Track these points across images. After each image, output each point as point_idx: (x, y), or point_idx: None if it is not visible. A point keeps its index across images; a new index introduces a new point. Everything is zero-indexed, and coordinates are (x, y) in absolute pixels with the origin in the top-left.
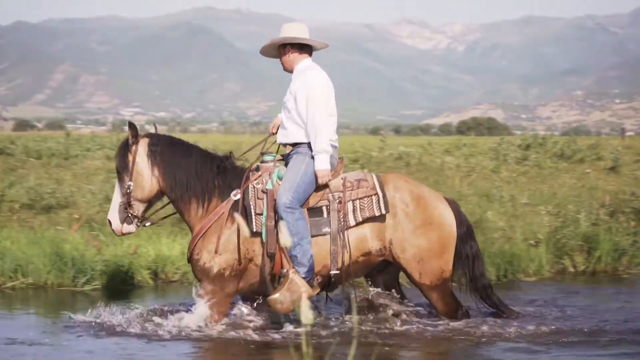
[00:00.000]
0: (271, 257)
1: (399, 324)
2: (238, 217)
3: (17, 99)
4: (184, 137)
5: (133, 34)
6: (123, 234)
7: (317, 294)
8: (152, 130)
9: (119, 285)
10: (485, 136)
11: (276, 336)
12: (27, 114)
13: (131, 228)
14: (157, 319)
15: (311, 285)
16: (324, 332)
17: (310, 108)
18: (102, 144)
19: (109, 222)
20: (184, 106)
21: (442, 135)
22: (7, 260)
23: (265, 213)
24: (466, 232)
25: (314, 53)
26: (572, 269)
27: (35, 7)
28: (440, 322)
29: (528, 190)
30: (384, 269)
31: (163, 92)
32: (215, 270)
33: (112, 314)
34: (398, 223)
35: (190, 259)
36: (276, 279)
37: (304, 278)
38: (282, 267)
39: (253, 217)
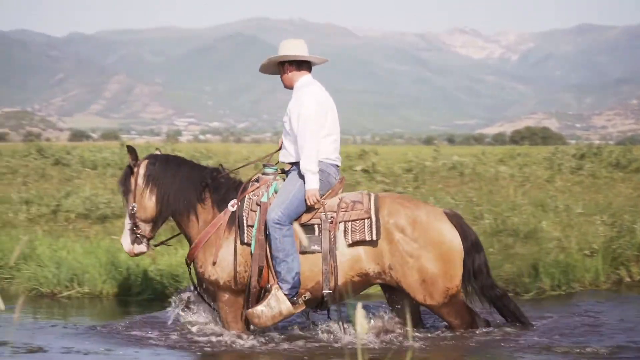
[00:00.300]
0: (260, 270)
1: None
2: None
3: (72, 109)
4: (238, 147)
5: (187, 44)
6: (135, 255)
7: (303, 311)
8: (157, 152)
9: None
10: (539, 146)
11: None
12: (82, 125)
13: (142, 248)
14: (197, 329)
15: (294, 303)
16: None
17: (300, 128)
18: None
19: (122, 244)
20: (238, 116)
21: (495, 144)
22: (64, 270)
23: (256, 225)
24: (471, 245)
25: (368, 63)
26: (628, 279)
27: (90, 19)
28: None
29: (583, 200)
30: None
31: (217, 103)
32: (221, 281)
33: (165, 323)
34: (395, 249)
35: (196, 271)
36: (262, 292)
37: (286, 295)
38: (268, 282)
39: (245, 228)
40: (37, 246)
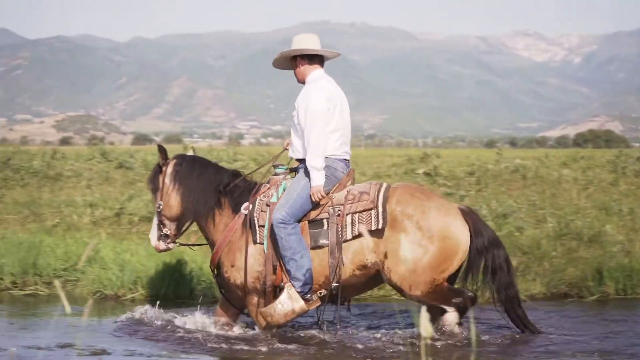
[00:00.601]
0: (274, 269)
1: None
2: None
3: (135, 113)
4: None
5: (248, 48)
6: (161, 251)
7: (318, 307)
8: (190, 152)
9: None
10: (602, 149)
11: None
12: (145, 128)
13: (168, 245)
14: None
15: (308, 300)
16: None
17: (307, 124)
18: (219, 157)
19: (150, 239)
20: None
21: (558, 147)
22: (127, 272)
23: (267, 225)
24: (487, 242)
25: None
26: None
27: (152, 24)
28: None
29: None
30: None
31: (278, 106)
32: (246, 284)
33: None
34: (396, 236)
35: (218, 275)
36: (277, 291)
37: (299, 292)
38: (281, 280)
39: (257, 229)
40: (100, 249)
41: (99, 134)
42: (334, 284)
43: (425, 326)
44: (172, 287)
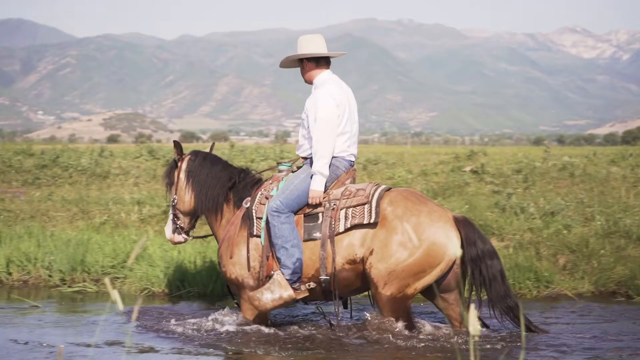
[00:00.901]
0: (267, 258)
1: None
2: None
3: (182, 111)
4: None
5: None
6: (175, 243)
7: (306, 299)
8: (208, 148)
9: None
10: None
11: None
12: (192, 126)
13: (181, 238)
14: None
15: (297, 289)
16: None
17: (315, 130)
18: (266, 155)
19: (165, 232)
20: None
21: (607, 145)
22: (174, 270)
23: (264, 217)
24: (481, 252)
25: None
26: None
27: (200, 22)
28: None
29: None
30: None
31: None
32: (240, 279)
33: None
34: (384, 234)
35: (220, 271)
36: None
37: (288, 280)
38: (272, 269)
39: (254, 221)
40: (148, 246)
41: (146, 131)
42: (323, 277)
43: (473, 325)
44: (219, 284)
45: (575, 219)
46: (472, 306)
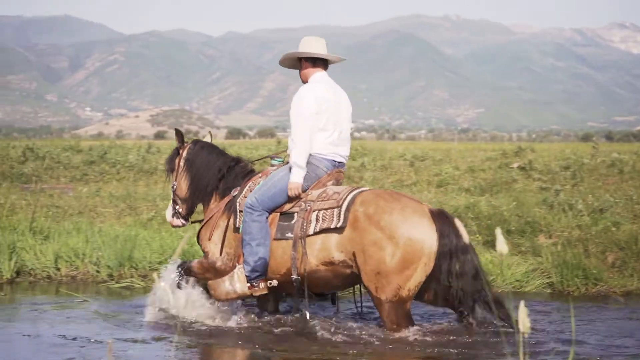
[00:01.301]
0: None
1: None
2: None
3: (229, 107)
4: (393, 145)
5: (342, 42)
6: (174, 226)
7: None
8: (207, 137)
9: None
10: None
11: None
12: (238, 123)
13: (179, 222)
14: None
15: (254, 286)
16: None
17: (294, 123)
18: None
19: (165, 215)
20: (392, 113)
21: None
22: None
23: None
24: (454, 247)
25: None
26: None
27: (246, 18)
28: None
29: None
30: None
31: (371, 100)
32: (215, 262)
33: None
34: (360, 236)
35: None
36: None
37: (246, 277)
38: (239, 262)
39: (237, 213)
40: (194, 242)
41: (192, 128)
42: (294, 276)
43: (523, 321)
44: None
45: (624, 216)
46: (522, 303)
